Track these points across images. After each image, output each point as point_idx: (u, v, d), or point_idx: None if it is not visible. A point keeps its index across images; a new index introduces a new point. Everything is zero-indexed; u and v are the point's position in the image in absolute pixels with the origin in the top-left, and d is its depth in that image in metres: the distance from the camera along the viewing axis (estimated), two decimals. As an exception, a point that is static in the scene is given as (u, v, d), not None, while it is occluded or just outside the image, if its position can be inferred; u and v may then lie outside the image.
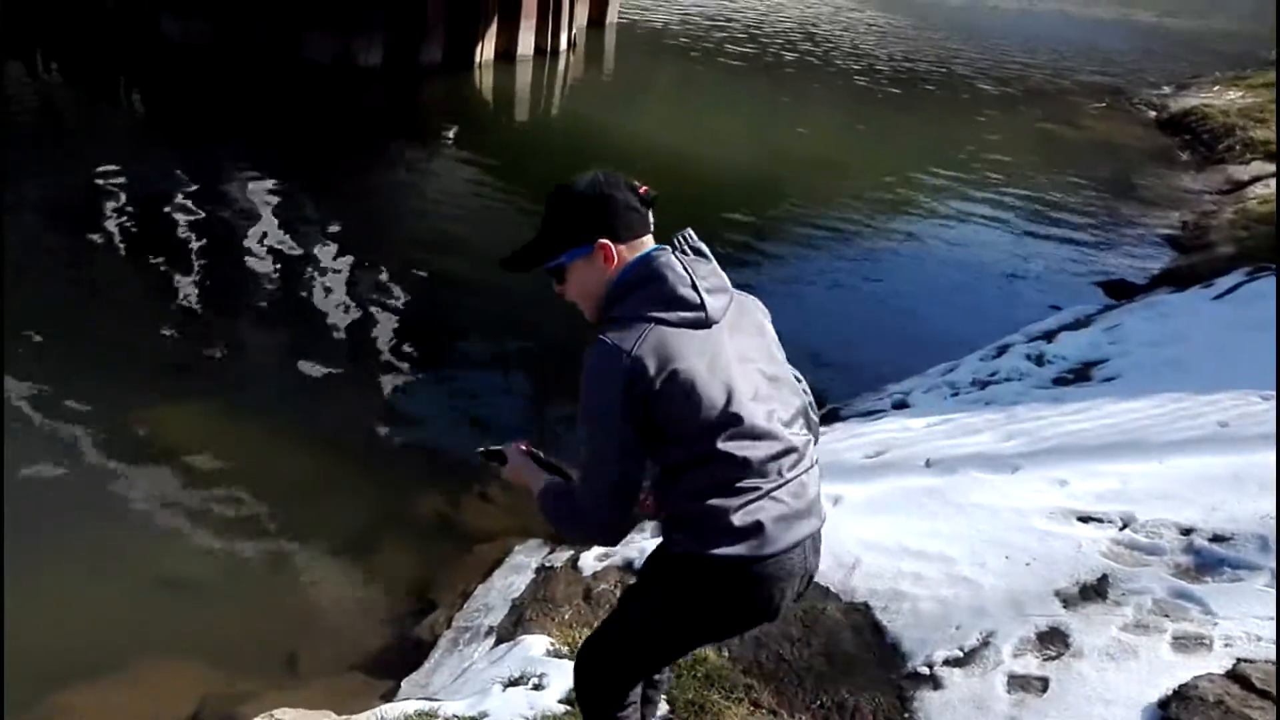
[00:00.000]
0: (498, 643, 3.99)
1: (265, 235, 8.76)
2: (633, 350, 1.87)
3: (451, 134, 12.87)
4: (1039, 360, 6.22)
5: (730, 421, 1.92)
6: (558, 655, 3.70)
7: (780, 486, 1.97)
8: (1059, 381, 5.88)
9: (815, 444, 2.14)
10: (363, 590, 4.56)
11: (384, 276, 8.10)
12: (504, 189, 10.72)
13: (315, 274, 8.06)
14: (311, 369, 6.64)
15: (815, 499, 2.07)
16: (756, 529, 1.94)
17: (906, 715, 3.16)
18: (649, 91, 17.29)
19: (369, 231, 9.21)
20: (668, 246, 2.03)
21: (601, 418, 1.92)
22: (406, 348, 7.07)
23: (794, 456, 2.01)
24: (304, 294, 7.77)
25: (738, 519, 1.93)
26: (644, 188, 2.01)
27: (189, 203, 9.34)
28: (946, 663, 3.31)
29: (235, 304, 7.64)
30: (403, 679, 3.97)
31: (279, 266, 8.26)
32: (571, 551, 4.58)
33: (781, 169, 12.64)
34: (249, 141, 11.41)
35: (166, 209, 9.09)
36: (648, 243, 2.03)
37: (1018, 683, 3.18)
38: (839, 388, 6.70)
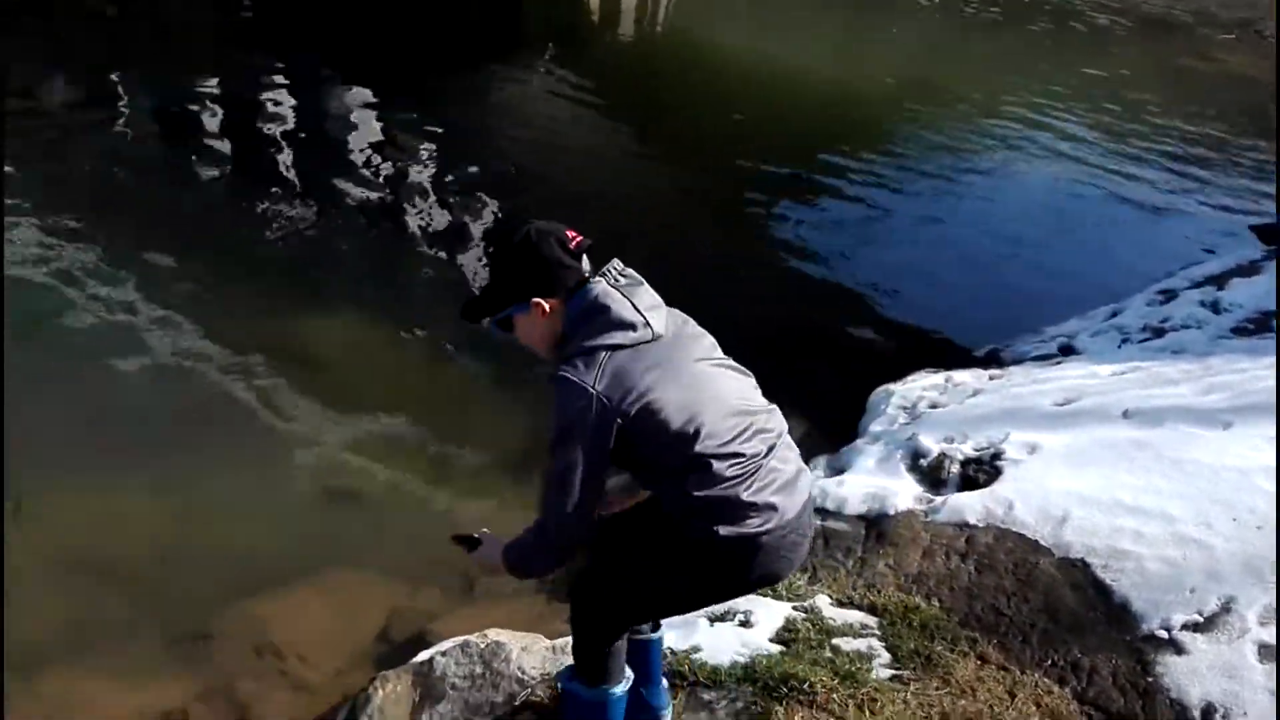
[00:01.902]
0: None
1: (365, 151, 8.66)
2: (594, 383, 2.01)
3: (552, 51, 12.55)
4: (1215, 307, 5.90)
5: (707, 421, 2.04)
6: (754, 593, 3.60)
7: (769, 457, 2.13)
8: (1239, 331, 5.58)
9: None
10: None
11: (481, 193, 7.96)
12: (601, 109, 10.42)
13: (417, 190, 7.97)
14: (436, 282, 6.59)
15: (797, 456, 2.26)
16: (768, 505, 2.09)
17: (1150, 680, 3.01)
18: (763, 6, 16.64)
19: (465, 149, 9.00)
20: (600, 279, 2.12)
21: (572, 449, 2.03)
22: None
23: (769, 430, 2.16)
24: (406, 209, 7.69)
25: (748, 497, 2.07)
26: (576, 240, 2.13)
27: (290, 115, 9.28)
28: (1186, 627, 3.15)
29: (346, 220, 7.58)
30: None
31: (380, 183, 8.18)
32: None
33: (898, 95, 12.15)
34: (348, 54, 11.22)
35: (269, 121, 9.04)
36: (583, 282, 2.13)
37: (1269, 653, 3.01)
38: (987, 329, 6.47)
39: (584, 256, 2.15)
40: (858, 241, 8.04)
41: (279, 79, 9.95)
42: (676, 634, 3.31)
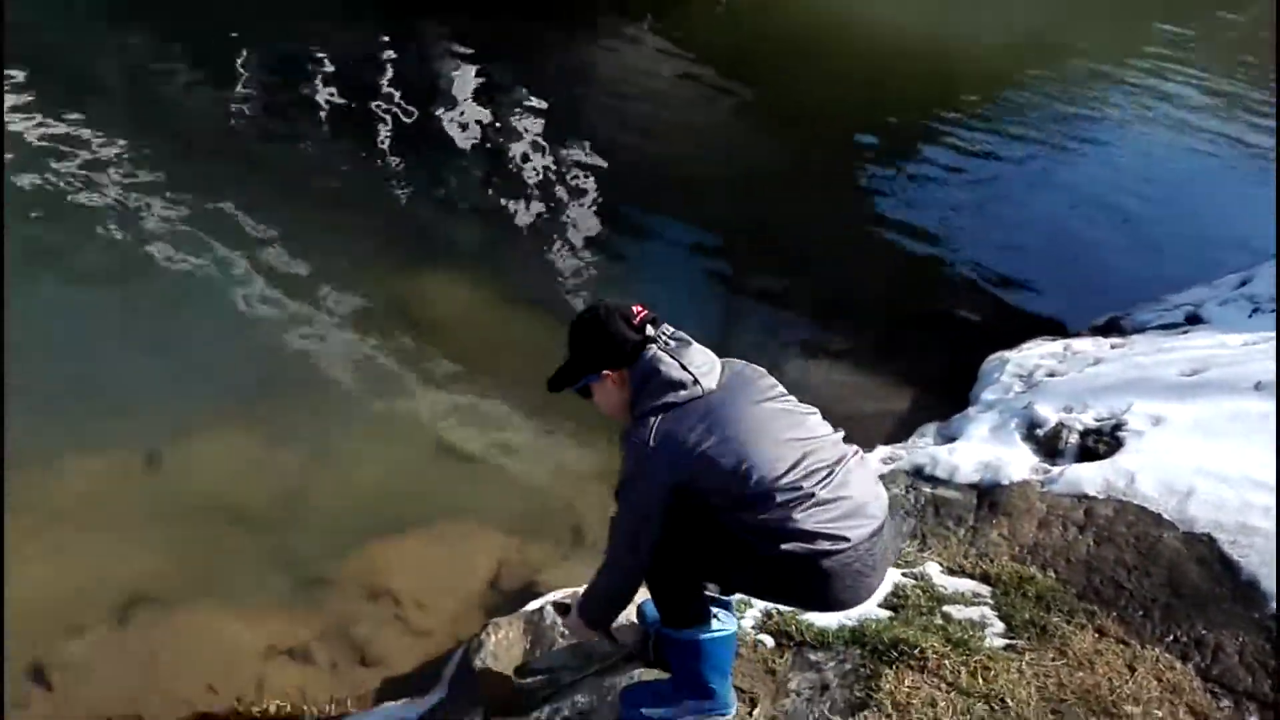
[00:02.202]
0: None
1: (469, 117, 8.76)
2: (651, 440, 2.19)
3: (650, 21, 12.39)
4: (1354, 279, 5.55)
5: (758, 460, 2.16)
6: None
7: (827, 486, 2.18)
8: (1381, 304, 5.24)
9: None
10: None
11: (583, 168, 7.97)
12: (702, 78, 10.25)
13: (516, 150, 8.04)
14: (540, 247, 6.66)
15: (873, 486, 2.31)
16: (829, 534, 2.16)
17: (1281, 661, 2.89)
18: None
19: (567, 119, 8.97)
20: (652, 345, 2.30)
21: (633, 499, 2.26)
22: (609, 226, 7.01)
23: (828, 459, 2.23)
24: (506, 168, 7.78)
25: (809, 526, 2.15)
26: (640, 315, 2.33)
27: (394, 73, 9.46)
28: (1320, 607, 3.01)
29: (454, 185, 7.72)
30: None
31: (480, 141, 8.28)
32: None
33: (1007, 55, 11.62)
34: (450, 12, 11.29)
35: (372, 79, 9.23)
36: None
37: None
38: (1106, 297, 6.22)
39: (647, 328, 2.32)
40: (966, 208, 7.81)
41: (387, 48, 10.12)
42: (783, 595, 3.32)
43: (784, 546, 2.16)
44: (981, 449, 4.14)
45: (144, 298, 5.74)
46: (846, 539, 2.18)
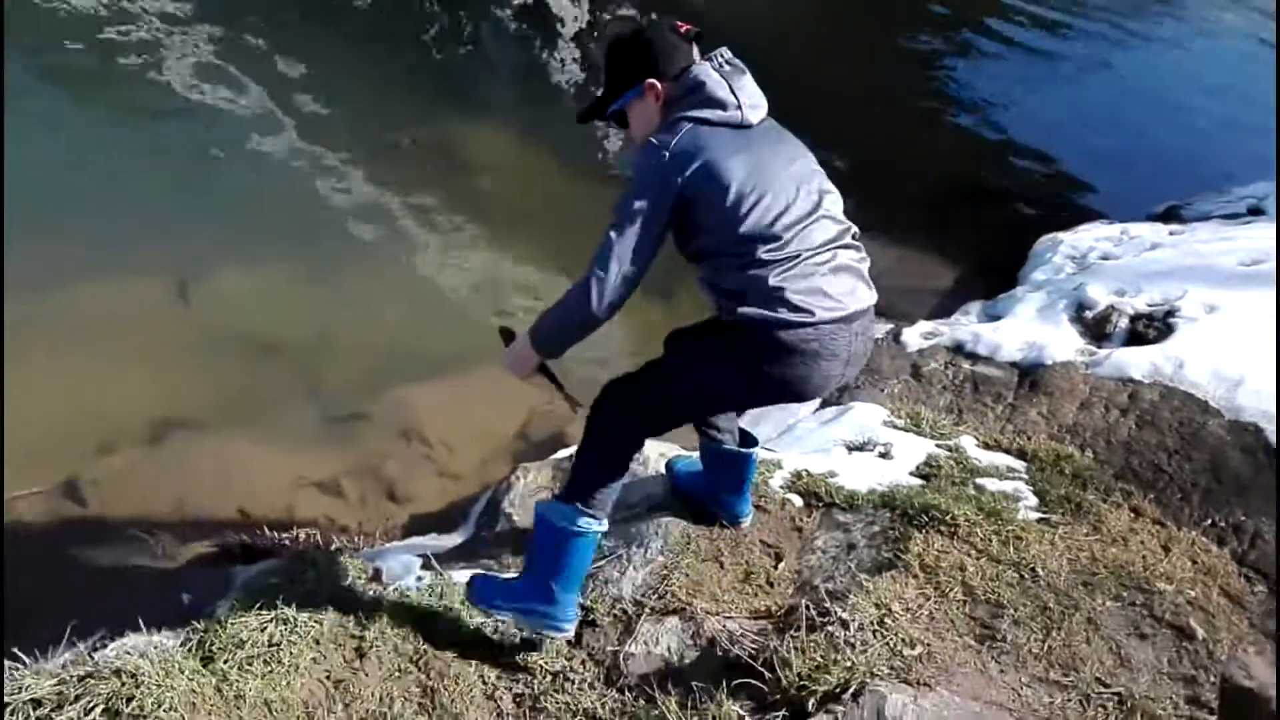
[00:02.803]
0: (823, 405, 3.86)
1: None
2: (672, 146, 2.02)
3: None
4: None
5: (764, 199, 2.03)
6: (894, 426, 3.54)
7: (818, 256, 2.07)
8: None
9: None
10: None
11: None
12: None
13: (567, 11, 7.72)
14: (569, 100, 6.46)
15: (859, 282, 2.14)
16: (796, 303, 2.02)
17: (1320, 550, 2.84)
18: None
19: None
20: (705, 62, 2.12)
21: (637, 201, 2.04)
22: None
23: (831, 234, 2.10)
24: (554, 28, 7.47)
25: (777, 282, 2.02)
26: (685, 26, 2.14)
27: None
28: (1367, 502, 2.94)
29: (493, 34, 7.44)
30: (724, 425, 3.92)
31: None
32: (892, 325, 4.35)
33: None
34: None
35: None
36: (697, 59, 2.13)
37: None
38: (1167, 185, 5.99)
39: (694, 45, 2.15)
40: (1025, 86, 7.49)
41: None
42: (813, 458, 3.30)
43: (743, 310, 2.04)
44: (1026, 328, 4.04)
45: (177, 134, 5.64)
46: (811, 313, 2.03)
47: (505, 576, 2.56)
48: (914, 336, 4.16)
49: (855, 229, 2.20)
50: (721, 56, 2.14)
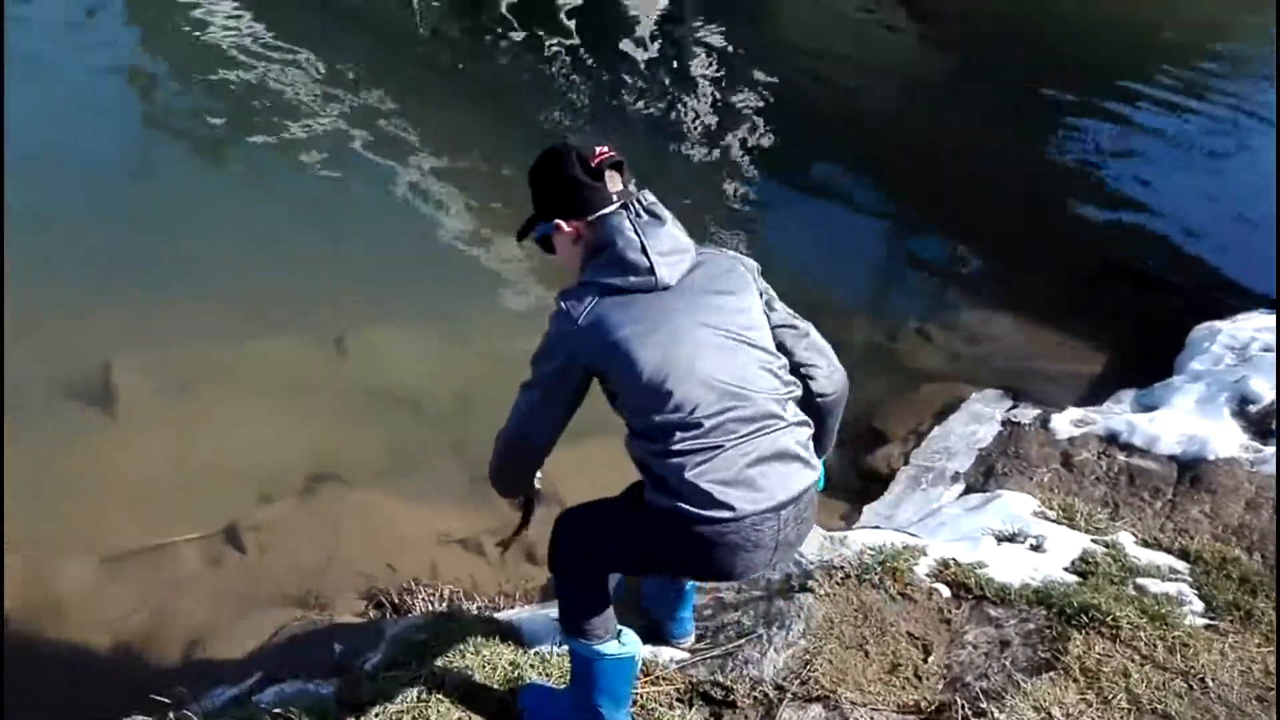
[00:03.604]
0: (967, 491, 3.77)
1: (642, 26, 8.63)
2: (580, 318, 1.91)
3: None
4: None
5: (677, 391, 1.88)
6: (1045, 518, 3.43)
7: (740, 447, 1.90)
8: None
9: (830, 393, 2.15)
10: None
11: (757, 107, 7.74)
12: (893, 26, 9.79)
13: (693, 74, 7.87)
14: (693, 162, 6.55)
15: (793, 464, 1.97)
16: (711, 496, 1.88)
17: None
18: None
19: (742, 37, 8.72)
20: (624, 210, 1.95)
21: (542, 368, 1.99)
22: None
23: (756, 421, 1.93)
24: (675, 85, 7.63)
25: (691, 477, 1.88)
26: (599, 156, 1.95)
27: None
28: None
29: (615, 87, 7.65)
30: (862, 505, 3.88)
31: (653, 57, 8.14)
32: (1039, 410, 4.24)
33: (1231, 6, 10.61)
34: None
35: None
36: (612, 208, 1.96)
37: None
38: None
39: (615, 176, 1.97)
40: (1171, 166, 7.21)
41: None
42: (960, 546, 3.22)
43: (657, 499, 1.93)
44: (1185, 420, 3.88)
45: (333, 192, 5.97)
46: (731, 507, 1.89)
47: (557, 688, 2.50)
48: (1063, 424, 4.04)
49: (795, 390, 2.04)
50: (640, 203, 1.96)
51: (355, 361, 4.69)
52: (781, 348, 2.06)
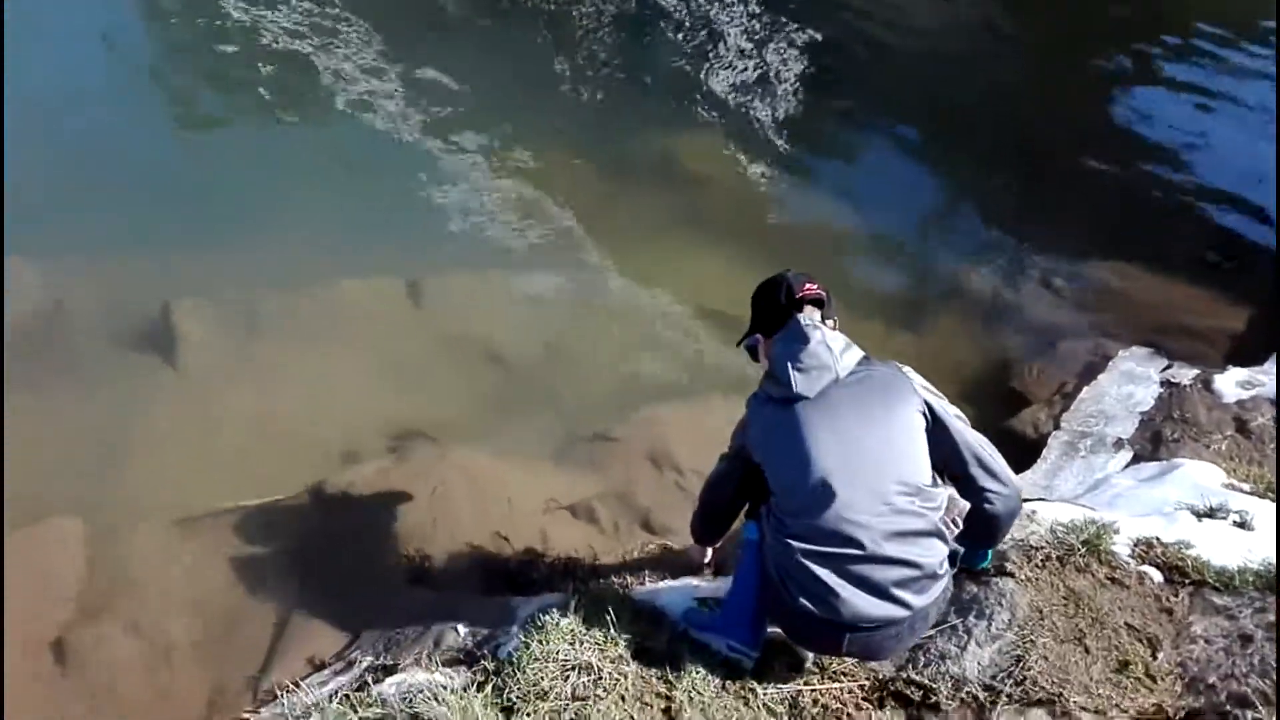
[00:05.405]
0: (1135, 459, 3.39)
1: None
2: (748, 415, 2.37)
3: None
4: None
5: (797, 490, 2.18)
6: (1239, 490, 3.04)
7: (843, 558, 2.12)
8: None
9: (1000, 514, 2.24)
10: (953, 363, 4.09)
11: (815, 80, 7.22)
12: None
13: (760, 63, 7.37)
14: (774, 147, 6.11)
15: (896, 582, 2.12)
16: (803, 582, 2.15)
17: None
18: None
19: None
20: (799, 328, 2.30)
21: (730, 449, 2.50)
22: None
23: (855, 543, 2.11)
24: (739, 66, 7.13)
25: (791, 569, 2.17)
26: (804, 291, 2.36)
27: None
28: None
29: (667, 63, 7.14)
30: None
31: (708, 37, 7.62)
32: (1198, 370, 3.84)
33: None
34: None
35: None
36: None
37: None
38: None
39: (813, 311, 2.35)
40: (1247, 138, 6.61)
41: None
42: (1153, 522, 2.84)
43: (769, 567, 2.23)
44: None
45: (387, 149, 5.50)
46: (840, 601, 2.12)
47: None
48: (1229, 385, 3.65)
49: (917, 520, 2.14)
50: (807, 321, 2.30)
51: (431, 308, 4.31)
52: (949, 463, 2.22)
